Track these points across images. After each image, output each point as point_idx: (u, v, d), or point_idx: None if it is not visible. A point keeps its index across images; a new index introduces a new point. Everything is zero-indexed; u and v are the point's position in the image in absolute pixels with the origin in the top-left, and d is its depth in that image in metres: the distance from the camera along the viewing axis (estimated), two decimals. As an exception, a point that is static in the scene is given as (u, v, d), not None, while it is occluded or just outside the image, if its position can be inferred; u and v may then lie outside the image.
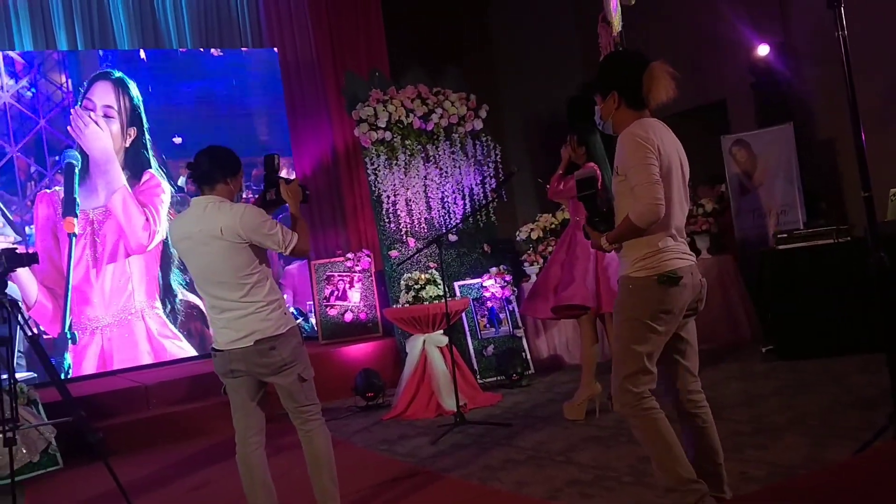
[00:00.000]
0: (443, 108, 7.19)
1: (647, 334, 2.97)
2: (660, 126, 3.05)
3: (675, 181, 3.01)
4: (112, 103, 7.64)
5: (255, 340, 3.39)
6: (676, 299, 2.98)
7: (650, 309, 2.96)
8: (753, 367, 6.07)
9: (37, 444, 5.38)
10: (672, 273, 2.95)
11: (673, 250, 3.00)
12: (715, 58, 8.66)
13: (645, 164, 2.89)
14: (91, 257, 7.39)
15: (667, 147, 2.99)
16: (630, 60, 3.10)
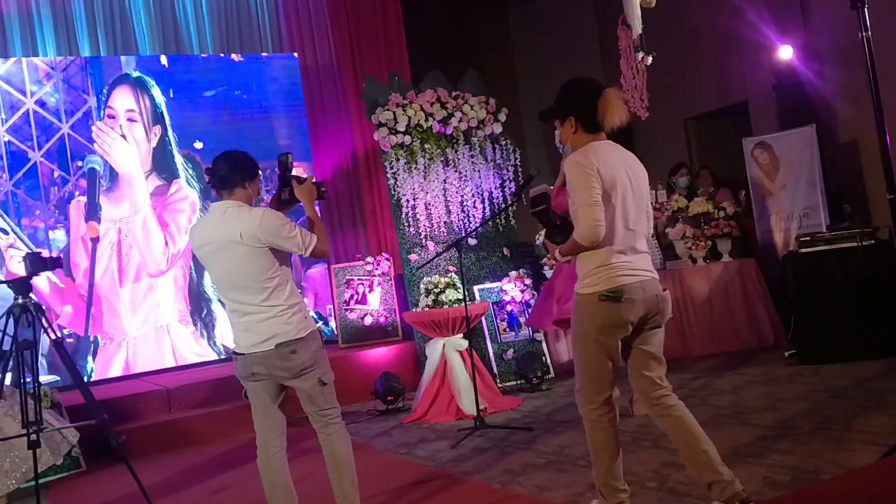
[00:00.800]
0: (462, 112, 7.18)
1: (597, 347, 3.17)
2: (606, 148, 3.19)
3: (621, 199, 3.14)
4: (133, 106, 7.71)
5: (276, 344, 3.40)
6: (622, 314, 3.12)
7: (596, 324, 3.15)
8: (776, 371, 6.02)
9: (60, 447, 5.41)
10: (613, 291, 3.09)
11: (619, 267, 3.13)
12: (737, 60, 8.61)
13: (584, 186, 3.05)
14: (117, 268, 7.45)
15: (611, 168, 3.11)
16: (586, 87, 3.27)
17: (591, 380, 3.21)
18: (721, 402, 5.33)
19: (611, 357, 3.19)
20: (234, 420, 6.09)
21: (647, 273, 3.21)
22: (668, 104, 8.69)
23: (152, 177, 7.74)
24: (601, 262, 3.13)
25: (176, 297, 7.69)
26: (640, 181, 3.24)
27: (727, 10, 8.35)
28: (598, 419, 3.23)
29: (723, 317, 7.08)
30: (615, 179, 3.11)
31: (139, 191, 7.61)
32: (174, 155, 7.84)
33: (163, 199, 7.73)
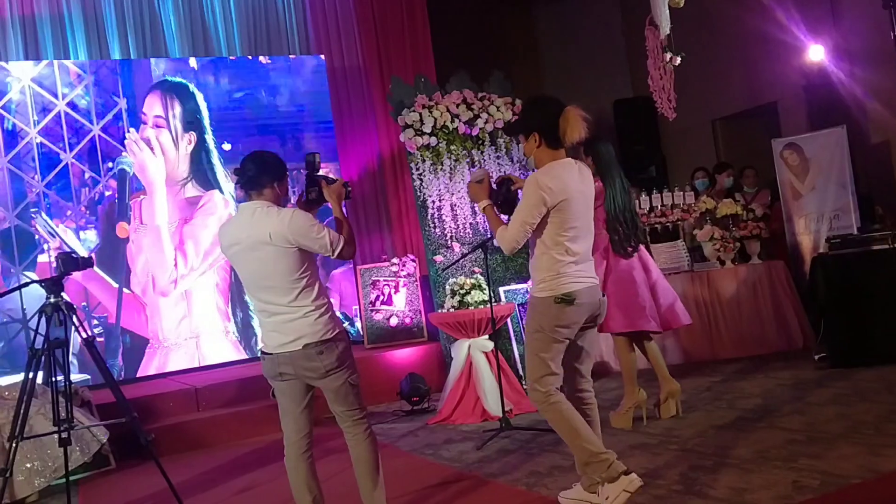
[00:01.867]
0: (488, 113, 7.18)
1: (550, 344, 3.52)
2: (564, 167, 3.52)
3: (574, 213, 3.49)
4: (161, 112, 7.76)
5: (304, 345, 3.42)
6: (572, 316, 3.51)
7: (550, 324, 3.51)
8: (806, 374, 5.95)
9: (90, 445, 5.48)
10: (568, 295, 3.47)
11: (571, 274, 3.51)
12: (766, 60, 8.53)
13: (529, 207, 3.46)
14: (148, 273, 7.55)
15: (566, 186, 3.46)
16: (549, 105, 3.56)
17: (549, 370, 3.53)
18: (749, 405, 5.28)
19: (562, 351, 3.57)
20: (261, 419, 6.13)
21: (592, 280, 3.60)
22: (696, 105, 8.63)
23: (189, 185, 7.78)
24: (556, 269, 3.50)
25: (215, 299, 7.75)
26: (589, 196, 3.60)
27: (756, 9, 8.28)
28: (557, 401, 3.52)
29: (751, 319, 7.02)
30: (569, 196, 3.45)
31: (159, 199, 7.64)
32: (213, 165, 7.89)
33: (194, 209, 7.77)
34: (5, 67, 7.33)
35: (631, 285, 5.08)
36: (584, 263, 3.58)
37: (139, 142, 7.63)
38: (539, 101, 3.64)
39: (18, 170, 7.27)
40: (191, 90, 7.90)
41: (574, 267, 3.52)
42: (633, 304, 5.06)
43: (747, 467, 3.99)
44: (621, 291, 5.05)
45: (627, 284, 5.08)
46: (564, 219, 3.47)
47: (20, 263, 7.19)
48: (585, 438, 3.49)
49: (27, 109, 7.34)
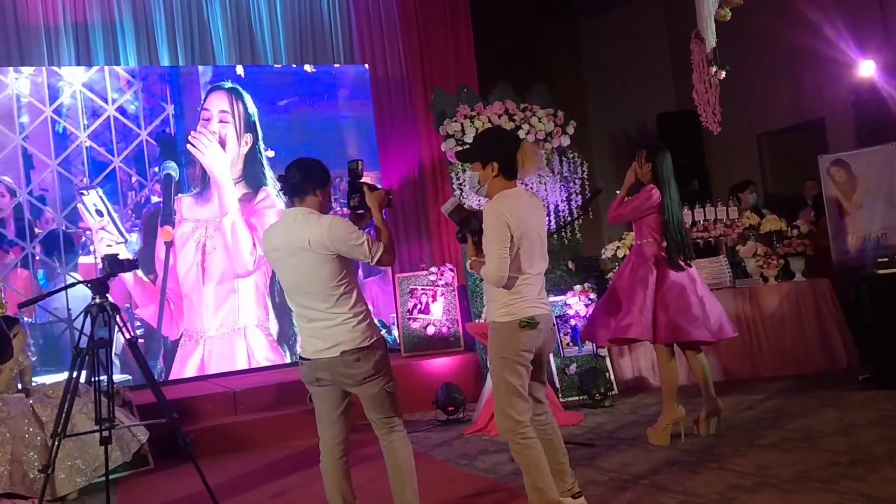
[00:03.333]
0: (530, 125, 7.17)
1: (516, 368, 3.53)
2: (518, 196, 3.62)
3: (529, 241, 3.56)
4: (227, 108, 7.93)
5: (341, 351, 3.44)
6: (534, 340, 3.56)
7: (515, 348, 3.53)
8: (850, 395, 5.83)
9: (129, 445, 5.57)
10: (531, 319, 3.53)
11: (530, 299, 3.57)
12: (813, 75, 8.42)
13: (498, 239, 3.49)
14: (199, 266, 7.66)
15: (520, 215, 3.54)
16: (509, 137, 3.79)
17: (518, 398, 3.51)
18: (791, 425, 5.18)
19: (528, 376, 3.57)
20: (298, 424, 6.16)
21: (546, 307, 3.67)
22: (742, 119, 8.54)
23: (241, 184, 7.92)
24: (515, 295, 3.55)
25: (257, 301, 7.85)
26: (539, 223, 3.68)
27: (804, 24, 8.18)
28: (527, 439, 3.51)
29: (794, 338, 6.89)
30: (523, 226, 3.53)
31: (228, 192, 7.80)
32: (264, 167, 8.01)
33: (250, 205, 7.90)
34: (57, 72, 7.51)
35: (683, 296, 5.02)
36: (540, 288, 3.65)
37: (208, 135, 7.78)
38: (499, 132, 3.84)
39: (67, 172, 7.43)
40: (245, 96, 8.05)
41: (533, 291, 3.59)
42: (684, 314, 4.98)
43: (787, 488, 3.92)
44: (672, 302, 4.98)
45: (679, 295, 5.02)
46: (523, 245, 3.53)
47: (66, 264, 7.34)
48: (547, 486, 3.51)
49: (77, 114, 7.50)
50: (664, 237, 5.05)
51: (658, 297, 4.99)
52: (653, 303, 5.01)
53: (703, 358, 5.16)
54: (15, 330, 5.23)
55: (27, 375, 5.71)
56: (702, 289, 5.15)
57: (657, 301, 5.00)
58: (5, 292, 6.47)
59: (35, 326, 7.19)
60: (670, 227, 5.04)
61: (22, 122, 7.33)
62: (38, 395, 5.54)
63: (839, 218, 7.44)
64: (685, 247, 5.10)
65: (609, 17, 10.61)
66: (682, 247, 5.07)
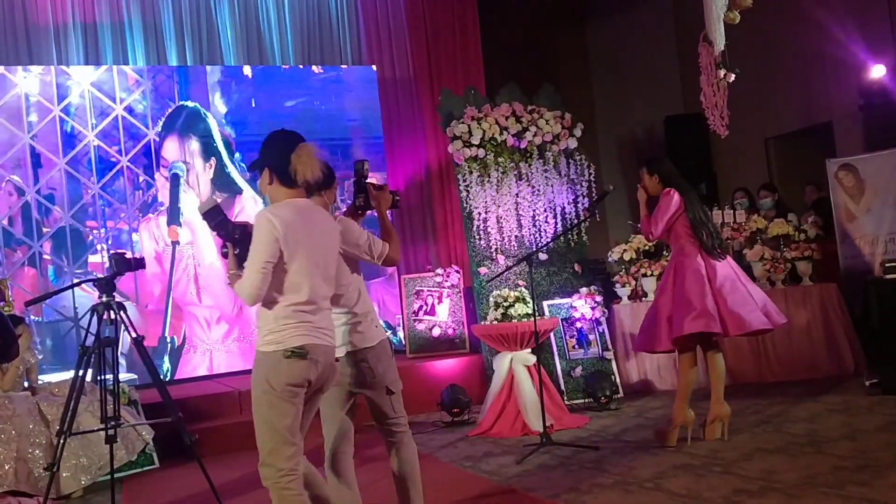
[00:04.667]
0: (537, 127, 7.16)
1: (281, 405, 3.01)
2: (300, 209, 3.15)
3: (308, 262, 3.08)
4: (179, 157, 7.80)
5: (347, 352, 3.44)
6: (306, 373, 3.03)
7: (282, 382, 3.00)
8: (857, 400, 5.80)
9: (135, 444, 5.58)
10: (300, 348, 3.01)
11: (301, 326, 3.06)
12: (822, 78, 8.40)
13: (261, 250, 3.02)
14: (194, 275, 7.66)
15: (296, 229, 3.07)
16: (282, 140, 3.21)
17: (283, 442, 3.03)
18: (797, 429, 5.16)
19: (299, 416, 3.07)
20: (302, 425, 6.16)
21: (327, 335, 3.15)
22: (750, 123, 8.51)
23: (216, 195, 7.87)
24: (286, 321, 3.06)
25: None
26: (328, 240, 3.22)
27: (814, 27, 8.15)
28: (287, 486, 3.04)
29: (801, 342, 6.87)
30: (300, 240, 3.08)
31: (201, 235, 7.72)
32: (230, 173, 7.97)
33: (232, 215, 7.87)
34: (66, 71, 7.53)
35: (736, 286, 4.98)
36: (321, 314, 3.14)
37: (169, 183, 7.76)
38: (274, 135, 3.29)
39: (75, 171, 7.45)
40: (202, 114, 7.93)
41: (307, 316, 3.08)
42: (744, 304, 4.93)
43: (793, 493, 3.90)
44: (729, 294, 4.93)
45: (733, 286, 4.98)
46: (298, 261, 3.07)
47: (73, 263, 7.36)
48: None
49: (86, 113, 7.53)
50: (695, 233, 5.05)
51: (715, 292, 4.97)
52: (713, 297, 4.97)
53: (720, 359, 5.13)
54: (20, 329, 5.24)
55: (33, 374, 5.73)
56: (744, 278, 5.14)
57: (715, 295, 4.97)
58: (12, 290, 6.50)
59: (42, 325, 7.22)
60: (698, 221, 5.04)
61: (30, 120, 7.36)
62: (43, 393, 5.55)
63: (847, 222, 7.41)
64: (718, 238, 5.12)
65: (617, 19, 10.59)
66: (715, 238, 5.08)
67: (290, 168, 3.11)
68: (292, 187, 3.16)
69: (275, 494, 3.06)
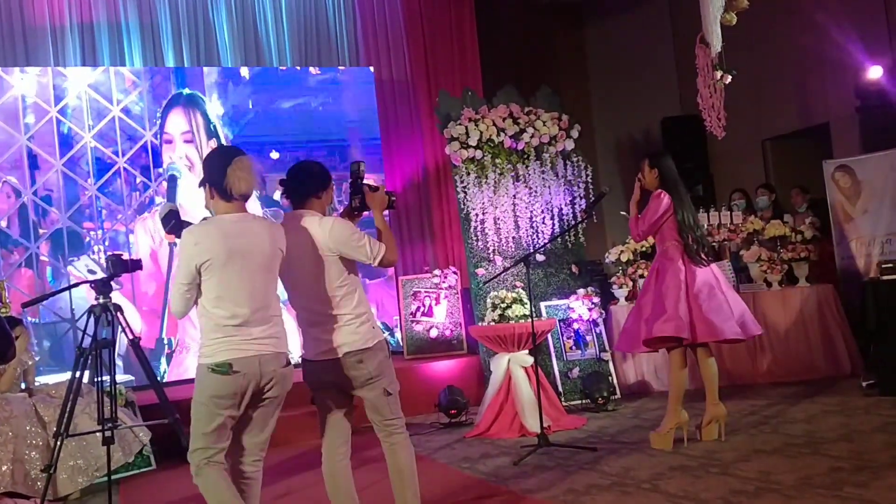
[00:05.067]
0: (534, 128, 7.17)
1: (210, 415, 3.19)
2: (223, 224, 3.20)
3: (236, 271, 3.16)
4: (186, 127, 7.87)
5: (344, 353, 3.44)
6: (230, 387, 3.15)
7: (206, 394, 3.18)
8: (854, 401, 5.81)
9: (132, 446, 5.57)
10: (221, 364, 3.12)
11: (229, 341, 3.15)
12: (819, 80, 8.41)
13: (180, 272, 3.18)
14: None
15: (225, 241, 3.15)
16: (217, 156, 3.33)
17: (204, 445, 3.22)
18: (794, 430, 5.17)
19: (225, 425, 3.22)
20: (300, 426, 6.16)
21: (262, 345, 3.20)
22: (746, 124, 8.52)
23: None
24: (213, 333, 3.17)
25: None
26: (261, 252, 3.23)
27: (810, 29, 8.17)
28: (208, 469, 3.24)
29: (798, 343, 6.88)
30: (231, 252, 3.14)
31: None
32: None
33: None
34: (63, 73, 7.53)
35: (713, 294, 4.99)
36: (256, 327, 3.18)
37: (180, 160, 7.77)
38: (212, 151, 3.41)
39: (72, 173, 7.45)
40: (203, 100, 7.98)
41: (236, 331, 3.14)
42: (718, 312, 4.94)
43: (790, 493, 3.90)
44: (705, 301, 4.94)
45: (710, 293, 4.98)
46: (222, 277, 3.13)
47: (70, 264, 7.35)
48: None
49: (83, 114, 7.53)
50: (681, 236, 5.05)
51: (690, 297, 4.97)
52: (687, 302, 4.99)
53: (713, 362, 5.14)
54: (18, 331, 5.23)
55: (30, 375, 5.72)
56: (725, 286, 5.13)
57: (690, 301, 4.98)
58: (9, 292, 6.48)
59: (39, 326, 7.21)
60: (685, 225, 5.04)
61: (27, 122, 7.36)
62: (41, 394, 5.55)
63: (844, 223, 7.42)
64: (704, 244, 5.11)
65: (614, 20, 10.61)
66: (701, 244, 5.08)
67: (225, 182, 3.17)
68: (229, 201, 3.22)
69: (196, 478, 3.29)
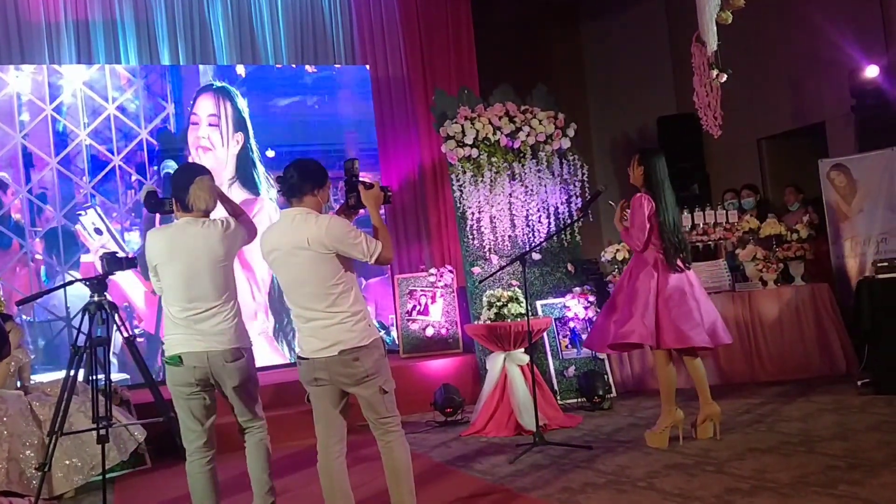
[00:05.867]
0: (530, 127, 7.17)
1: (175, 400, 3.79)
2: (174, 229, 3.75)
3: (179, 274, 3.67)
4: (214, 111, 7.94)
5: (339, 351, 3.44)
6: (181, 376, 3.70)
7: (168, 382, 3.76)
8: (849, 400, 5.82)
9: (127, 444, 5.56)
10: (172, 357, 3.68)
11: (176, 336, 3.70)
12: (814, 79, 8.42)
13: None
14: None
15: (166, 247, 3.70)
16: (181, 174, 3.84)
17: (185, 428, 3.81)
18: (789, 429, 5.18)
19: (192, 411, 3.76)
20: (295, 424, 6.15)
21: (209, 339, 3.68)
22: (742, 123, 8.53)
23: (236, 186, 7.90)
24: (169, 329, 3.74)
25: (255, 303, 7.83)
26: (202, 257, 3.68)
27: (806, 28, 8.18)
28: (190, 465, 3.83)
29: (793, 342, 6.89)
30: (169, 262, 3.68)
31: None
32: (256, 167, 8.01)
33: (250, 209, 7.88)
34: (58, 70, 7.51)
35: (684, 300, 5.00)
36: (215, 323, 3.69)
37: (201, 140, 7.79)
38: (179, 169, 4.00)
39: (67, 171, 7.43)
40: (235, 94, 8.04)
41: (184, 328, 3.67)
42: (687, 319, 4.97)
43: (785, 492, 3.91)
44: (674, 307, 4.97)
45: (680, 299, 5.01)
46: (168, 282, 3.70)
47: (65, 263, 7.34)
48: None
49: (78, 112, 7.51)
50: (660, 239, 5.04)
51: (660, 303, 4.99)
52: (655, 308, 5.00)
53: (699, 363, 5.16)
54: (9, 326, 5.23)
55: (25, 373, 5.71)
56: (699, 293, 5.14)
57: (659, 306, 5.00)
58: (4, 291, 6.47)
59: (34, 325, 7.19)
60: (666, 229, 5.03)
61: (22, 119, 7.34)
62: (36, 393, 5.53)
63: (839, 222, 7.44)
64: (682, 249, 5.09)
65: (611, 19, 10.61)
66: (680, 249, 5.07)
67: (187, 199, 3.70)
68: (188, 212, 3.74)
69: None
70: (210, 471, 3.86)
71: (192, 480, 3.84)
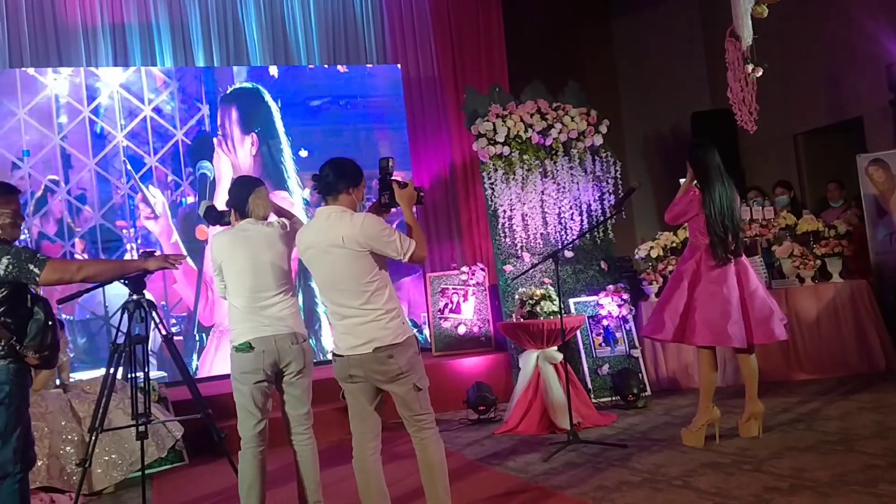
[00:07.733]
0: (562, 124, 7.14)
1: (238, 388, 3.94)
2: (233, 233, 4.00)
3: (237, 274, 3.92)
4: (233, 117, 7.98)
5: (374, 348, 3.45)
6: (250, 363, 3.87)
7: (234, 371, 3.94)
8: (889, 398, 5.72)
9: (165, 441, 5.64)
10: (242, 344, 3.87)
11: (248, 325, 3.89)
12: (852, 73, 8.29)
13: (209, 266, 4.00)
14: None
15: (228, 249, 3.94)
16: (242, 186, 4.10)
17: (245, 416, 3.94)
18: (828, 427, 5.11)
19: (254, 399, 3.91)
20: (331, 421, 6.18)
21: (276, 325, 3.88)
22: (778, 118, 8.42)
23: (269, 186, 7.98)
24: (233, 322, 3.96)
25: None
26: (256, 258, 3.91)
27: (843, 22, 8.06)
28: (244, 450, 3.94)
29: (832, 340, 6.79)
30: (233, 258, 3.92)
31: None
32: (286, 166, 8.06)
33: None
34: (95, 73, 7.63)
35: (719, 297, 4.91)
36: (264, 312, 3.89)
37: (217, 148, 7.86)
38: (234, 182, 4.22)
39: (105, 172, 7.55)
40: (261, 93, 8.08)
41: (250, 316, 3.88)
42: (719, 317, 4.91)
43: (824, 491, 3.86)
44: (708, 303, 4.92)
45: (716, 296, 4.92)
46: (232, 277, 3.93)
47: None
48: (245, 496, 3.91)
49: (115, 114, 7.62)
50: (708, 231, 4.98)
51: (746, 297, 4.92)
52: (685, 303, 4.95)
53: (754, 359, 5.07)
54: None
55: (65, 372, 5.81)
56: (753, 286, 5.02)
57: (691, 301, 4.94)
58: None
59: (73, 323, 7.31)
60: (711, 221, 4.96)
61: (61, 122, 7.47)
62: (75, 390, 5.63)
63: (878, 218, 7.32)
64: (730, 241, 4.99)
65: (643, 14, 10.53)
66: (726, 241, 4.97)
67: (247, 209, 3.98)
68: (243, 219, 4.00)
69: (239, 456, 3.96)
70: (262, 461, 3.96)
71: (244, 467, 3.92)
